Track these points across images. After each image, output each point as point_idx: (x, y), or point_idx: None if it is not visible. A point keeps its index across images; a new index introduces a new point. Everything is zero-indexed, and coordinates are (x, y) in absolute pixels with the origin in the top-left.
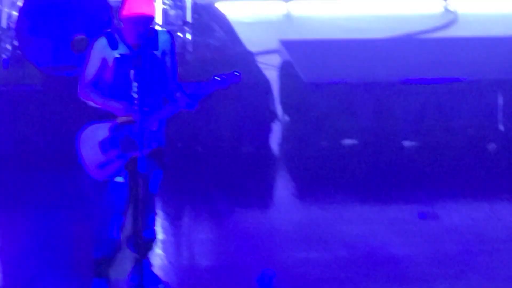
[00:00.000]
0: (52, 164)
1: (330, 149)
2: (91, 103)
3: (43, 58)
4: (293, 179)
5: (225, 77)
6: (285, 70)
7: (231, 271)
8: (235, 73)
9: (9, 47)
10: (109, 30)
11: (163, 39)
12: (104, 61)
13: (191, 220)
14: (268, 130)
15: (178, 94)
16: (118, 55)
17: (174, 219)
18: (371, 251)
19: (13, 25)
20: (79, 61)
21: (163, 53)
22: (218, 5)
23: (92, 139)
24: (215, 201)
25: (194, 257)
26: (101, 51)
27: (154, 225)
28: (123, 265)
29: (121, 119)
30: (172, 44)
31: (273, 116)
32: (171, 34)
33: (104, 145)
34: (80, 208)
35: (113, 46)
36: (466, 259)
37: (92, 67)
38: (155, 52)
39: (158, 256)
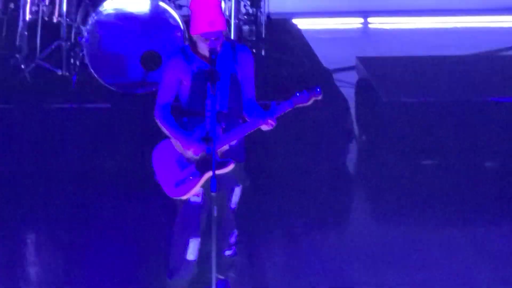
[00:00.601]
0: (120, 183)
1: (409, 170)
2: (160, 126)
3: (112, 75)
4: (370, 199)
5: (306, 92)
6: (363, 88)
7: None
8: (317, 88)
9: (78, 63)
10: (183, 45)
11: (242, 55)
12: (180, 77)
13: (267, 241)
14: (345, 150)
15: (255, 112)
16: (195, 70)
17: (249, 240)
18: (452, 275)
19: (83, 41)
20: (149, 78)
21: (241, 69)
22: (294, 21)
23: (169, 155)
24: (291, 221)
25: (270, 278)
26: (178, 67)
27: (235, 243)
28: (199, 286)
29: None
30: (251, 60)
31: (350, 135)
32: (249, 50)
33: (182, 162)
34: (154, 229)
35: (190, 61)
36: None
37: (168, 86)
38: (232, 66)
39: (234, 278)
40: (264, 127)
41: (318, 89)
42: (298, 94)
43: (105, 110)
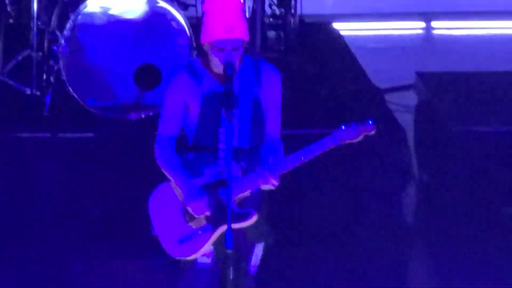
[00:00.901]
0: (107, 237)
1: (484, 220)
2: (160, 166)
3: (97, 95)
4: (432, 255)
5: (355, 125)
6: (424, 113)
7: None
8: (369, 121)
9: (52, 79)
10: (191, 59)
11: (267, 76)
12: (187, 101)
13: None
14: (400, 193)
15: (273, 154)
16: (206, 92)
17: None
18: None
19: (59, 51)
20: (144, 100)
21: (266, 94)
22: (335, 25)
23: (171, 202)
24: (331, 269)
25: None
26: (183, 88)
27: None
28: None
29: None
30: (278, 84)
31: (408, 174)
32: (277, 71)
33: (188, 212)
34: None
35: (199, 79)
36: None
37: (171, 113)
38: (255, 90)
39: None
40: (264, 186)
41: (371, 122)
42: (344, 127)
43: (87, 140)
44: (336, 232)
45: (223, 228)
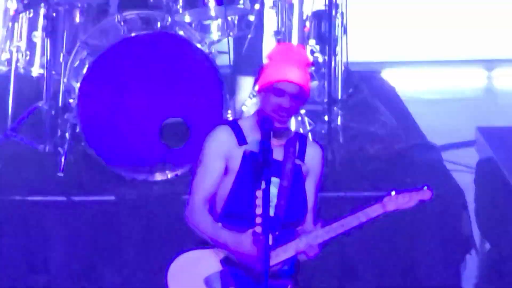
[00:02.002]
0: None
1: None
2: (198, 232)
3: (118, 153)
4: None
5: (408, 192)
6: (487, 173)
7: None
8: (424, 187)
9: (67, 135)
10: (232, 119)
11: (311, 152)
12: (227, 159)
13: None
14: (461, 265)
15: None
16: (247, 151)
17: None
18: None
19: (74, 104)
20: (171, 158)
21: (307, 172)
22: (384, 73)
23: (191, 274)
24: None
25: None
26: (225, 144)
27: None
28: None
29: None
30: (321, 163)
31: (468, 244)
32: (321, 148)
33: (212, 284)
34: None
35: (241, 139)
36: None
37: (208, 174)
38: (298, 162)
39: None
40: (302, 256)
41: (426, 188)
42: (394, 193)
43: (107, 204)
44: None
45: None
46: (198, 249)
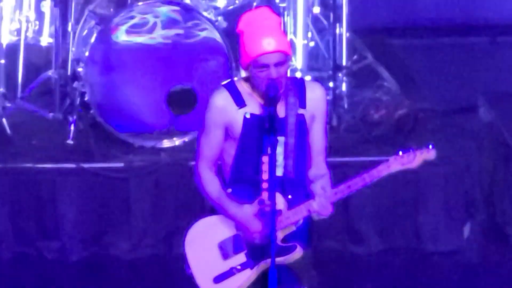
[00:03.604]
0: (137, 276)
1: None
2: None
3: (127, 121)
4: None
5: (413, 152)
6: (490, 138)
7: None
8: (429, 146)
9: (77, 103)
10: (229, 80)
11: (312, 94)
12: (227, 125)
13: None
14: (462, 226)
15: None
16: (248, 115)
17: None
18: None
19: (82, 72)
20: (178, 126)
21: (311, 115)
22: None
23: (206, 240)
24: None
25: None
26: (223, 111)
27: None
28: None
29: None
30: (324, 102)
31: (471, 207)
32: (322, 87)
33: (226, 248)
34: None
35: (240, 102)
36: None
37: (210, 137)
38: (300, 112)
39: None
40: (316, 216)
41: (431, 147)
42: (401, 153)
43: (116, 171)
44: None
45: (264, 265)
46: (215, 215)
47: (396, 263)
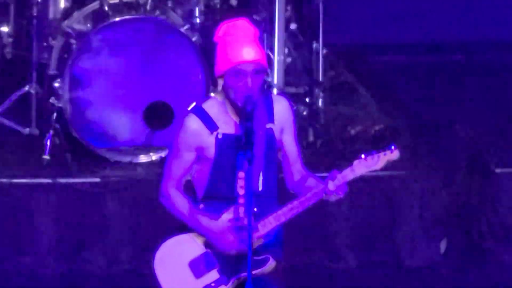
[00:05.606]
0: None
1: None
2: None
3: (103, 136)
4: None
5: (376, 153)
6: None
7: None
8: (391, 146)
9: (53, 118)
10: (194, 105)
11: (278, 108)
12: (200, 148)
13: None
14: (440, 240)
15: (306, 180)
16: (220, 136)
17: None
18: None
19: (59, 88)
20: (155, 141)
21: (279, 128)
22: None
23: (179, 257)
24: None
25: None
26: (196, 135)
27: None
28: None
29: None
30: (290, 113)
31: (448, 221)
32: (288, 100)
33: (197, 267)
34: None
35: (211, 126)
36: None
37: (181, 159)
38: (269, 126)
39: None
40: (333, 197)
41: (393, 147)
42: (363, 155)
43: (93, 186)
44: None
45: (237, 281)
46: (181, 234)
47: (374, 278)
